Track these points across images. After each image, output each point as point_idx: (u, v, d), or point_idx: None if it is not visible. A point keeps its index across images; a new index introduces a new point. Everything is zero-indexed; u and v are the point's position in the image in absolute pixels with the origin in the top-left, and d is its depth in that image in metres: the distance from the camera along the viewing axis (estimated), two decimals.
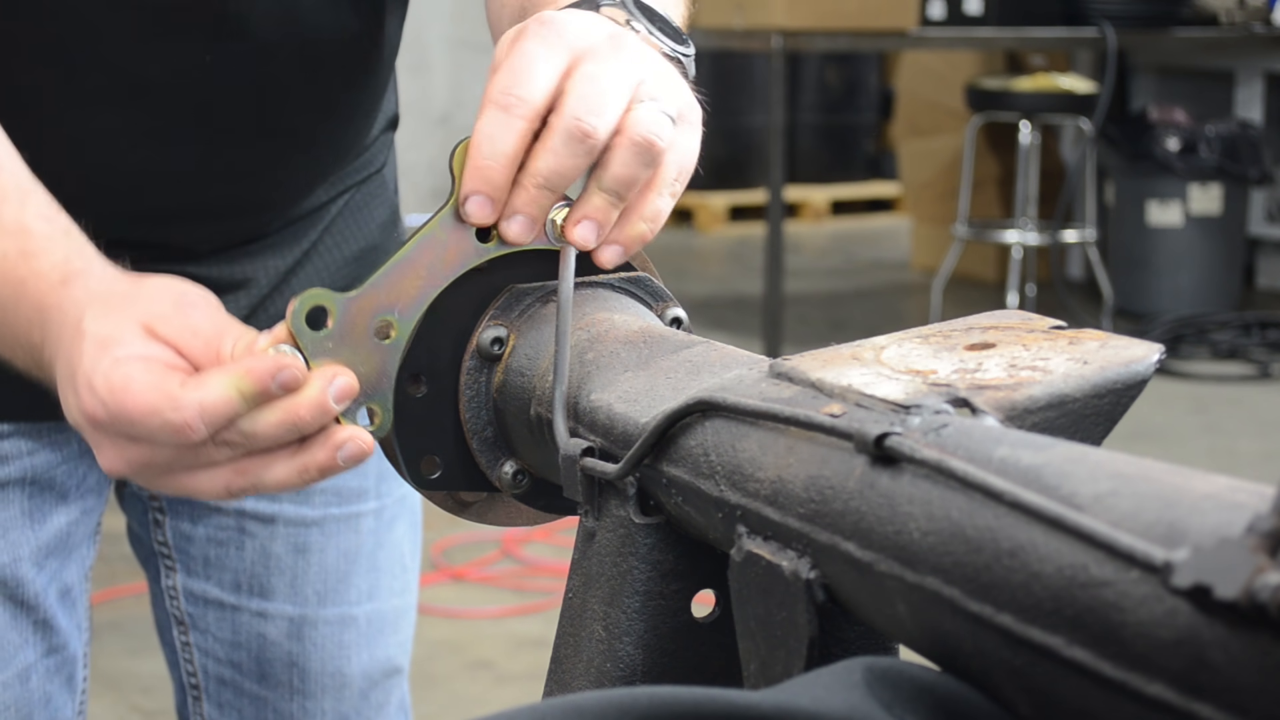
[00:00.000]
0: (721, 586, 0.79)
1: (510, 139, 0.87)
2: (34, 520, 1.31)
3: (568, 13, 0.92)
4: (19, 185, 0.98)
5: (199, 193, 1.25)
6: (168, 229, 1.26)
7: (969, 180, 6.80)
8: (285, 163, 1.28)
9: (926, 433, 0.64)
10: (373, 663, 1.45)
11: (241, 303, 1.31)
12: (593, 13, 0.94)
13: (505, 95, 0.87)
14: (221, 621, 1.43)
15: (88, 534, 1.37)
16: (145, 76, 1.17)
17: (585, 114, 0.87)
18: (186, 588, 1.43)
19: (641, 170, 0.89)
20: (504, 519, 0.99)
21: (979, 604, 0.57)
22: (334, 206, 1.37)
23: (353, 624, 1.43)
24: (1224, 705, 0.48)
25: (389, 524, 1.45)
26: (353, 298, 0.91)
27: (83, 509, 1.35)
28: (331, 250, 1.36)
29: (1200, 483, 0.54)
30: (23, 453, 1.29)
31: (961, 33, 6.33)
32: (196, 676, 1.45)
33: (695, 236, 9.30)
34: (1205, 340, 6.39)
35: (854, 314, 7.23)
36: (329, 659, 1.43)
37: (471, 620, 3.72)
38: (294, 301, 0.90)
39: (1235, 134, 6.72)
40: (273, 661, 1.42)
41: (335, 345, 0.91)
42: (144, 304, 0.90)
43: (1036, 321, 0.78)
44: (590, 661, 0.81)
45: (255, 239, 1.31)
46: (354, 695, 1.44)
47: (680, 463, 0.76)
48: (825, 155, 9.91)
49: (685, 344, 0.88)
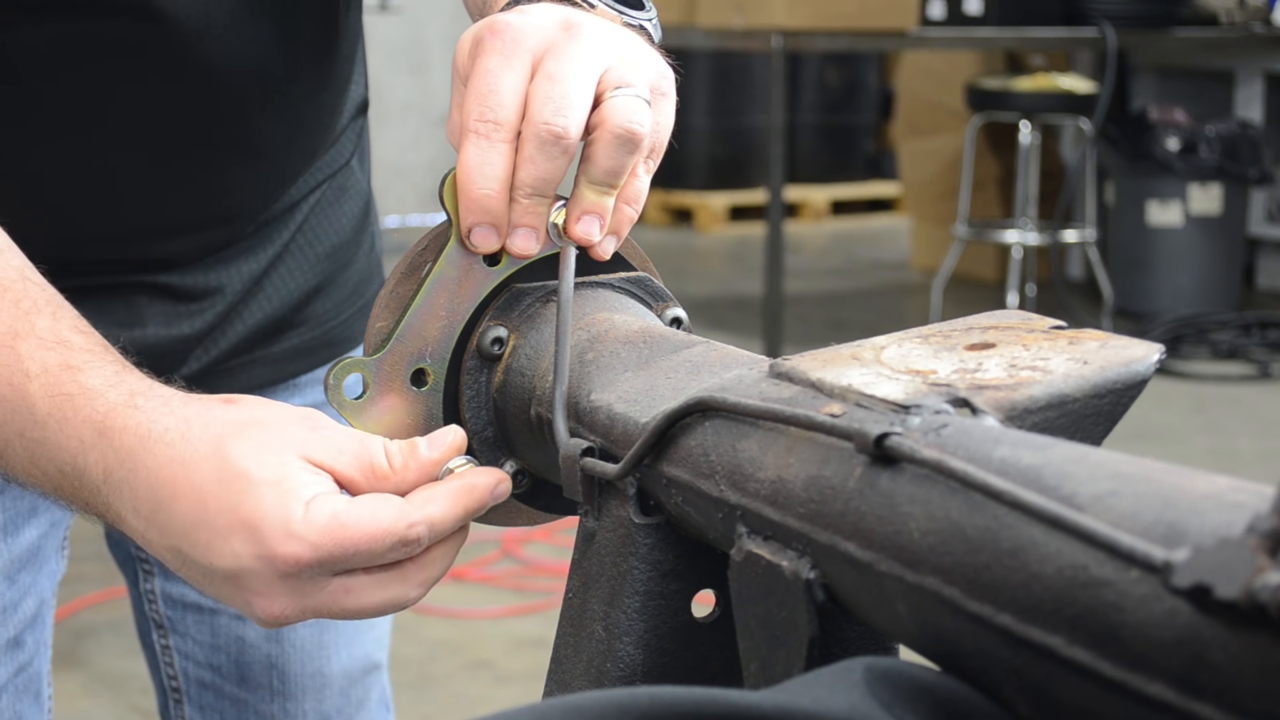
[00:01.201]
0: (721, 586, 0.79)
1: (498, 164, 0.87)
2: (6, 533, 1.29)
3: (518, 12, 0.91)
4: (50, 298, 0.93)
5: (160, 209, 1.24)
6: (138, 244, 1.25)
7: (969, 180, 6.80)
8: (247, 173, 1.28)
9: (926, 433, 0.64)
10: (352, 661, 1.45)
11: (216, 309, 1.30)
12: (543, 1, 0.94)
13: (481, 123, 0.87)
14: (200, 625, 1.42)
15: (56, 546, 1.36)
16: (100, 100, 1.16)
17: (552, 116, 0.87)
18: (165, 591, 1.43)
19: (626, 159, 0.89)
20: (504, 519, 0.99)
21: (979, 604, 0.57)
22: (304, 206, 1.36)
23: (331, 625, 1.43)
24: (1224, 705, 0.48)
25: None
26: (383, 357, 0.92)
27: (51, 520, 1.34)
28: (304, 249, 1.35)
29: (1200, 483, 0.54)
30: None
31: (961, 33, 6.33)
32: (177, 679, 1.45)
33: (695, 236, 9.30)
34: (1205, 340, 6.39)
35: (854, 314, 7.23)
36: (308, 660, 1.43)
37: (471, 620, 3.71)
38: (328, 377, 0.91)
39: (1235, 134, 6.72)
40: (252, 664, 1.42)
41: (377, 407, 0.92)
42: (281, 431, 0.86)
43: (1036, 321, 0.78)
44: (590, 661, 0.81)
45: (227, 245, 1.30)
46: (334, 694, 1.44)
47: (680, 463, 0.76)
48: (825, 155, 9.91)
49: (685, 344, 0.88)
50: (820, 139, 9.88)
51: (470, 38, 0.91)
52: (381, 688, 1.51)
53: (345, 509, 0.83)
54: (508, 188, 0.88)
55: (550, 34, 0.89)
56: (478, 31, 0.90)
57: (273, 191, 1.31)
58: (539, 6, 0.92)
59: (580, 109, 0.87)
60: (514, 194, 0.88)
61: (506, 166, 0.87)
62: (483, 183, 0.87)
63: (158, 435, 0.86)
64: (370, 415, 0.92)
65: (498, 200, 0.88)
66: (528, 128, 0.87)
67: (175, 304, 1.27)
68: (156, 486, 0.85)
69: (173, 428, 0.86)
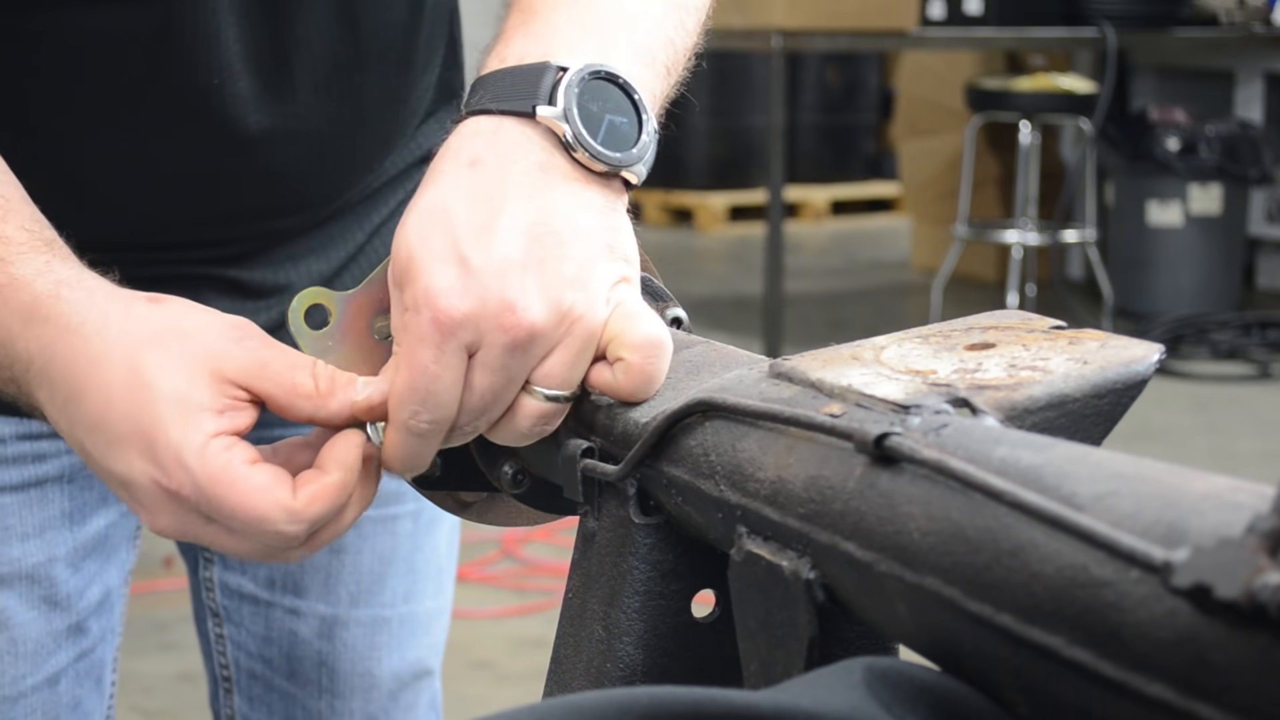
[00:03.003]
0: (721, 586, 0.79)
1: (428, 457, 0.86)
2: (73, 521, 1.30)
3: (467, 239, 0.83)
4: (4, 198, 0.94)
5: (209, 195, 1.21)
6: (189, 229, 1.23)
7: (969, 180, 6.80)
8: (302, 159, 1.23)
9: (926, 433, 0.64)
10: (403, 664, 1.44)
11: (282, 307, 1.26)
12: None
13: (416, 422, 0.84)
14: (255, 616, 1.42)
15: (127, 536, 1.36)
16: (141, 82, 1.14)
17: (476, 419, 0.85)
18: (223, 581, 1.42)
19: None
20: (504, 519, 0.99)
21: (979, 604, 0.57)
22: (381, 205, 1.31)
23: (385, 626, 1.42)
24: (1224, 705, 0.48)
25: (428, 527, 1.43)
26: (352, 295, 0.90)
27: (122, 511, 1.34)
28: (379, 253, 1.31)
29: (1200, 483, 0.54)
30: (61, 451, 1.27)
31: (961, 33, 6.33)
32: (229, 669, 1.45)
33: (695, 236, 9.30)
34: (1205, 340, 6.39)
35: (854, 314, 7.23)
36: (359, 659, 1.42)
37: (471, 620, 3.71)
38: (294, 301, 0.89)
39: (1235, 134, 6.72)
40: (302, 659, 1.42)
41: (336, 344, 0.90)
42: (200, 342, 0.86)
43: (1036, 321, 0.78)
44: (590, 661, 0.81)
45: (295, 237, 1.27)
46: (383, 696, 1.44)
47: (680, 463, 0.76)
48: (825, 155, 9.91)
49: (685, 344, 0.88)
50: (820, 139, 9.88)
51: (404, 247, 0.84)
52: (432, 694, 1.50)
53: (239, 470, 0.83)
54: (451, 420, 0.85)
55: (488, 311, 0.82)
56: (415, 241, 0.84)
57: (338, 180, 1.27)
58: (481, 180, 0.86)
59: (497, 411, 0.85)
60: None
61: (445, 431, 0.85)
62: (407, 470, 0.87)
63: (75, 328, 0.86)
64: (325, 350, 0.89)
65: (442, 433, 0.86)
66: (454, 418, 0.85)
67: (243, 300, 1.25)
68: (69, 379, 0.86)
69: (90, 321, 0.86)
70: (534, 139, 0.87)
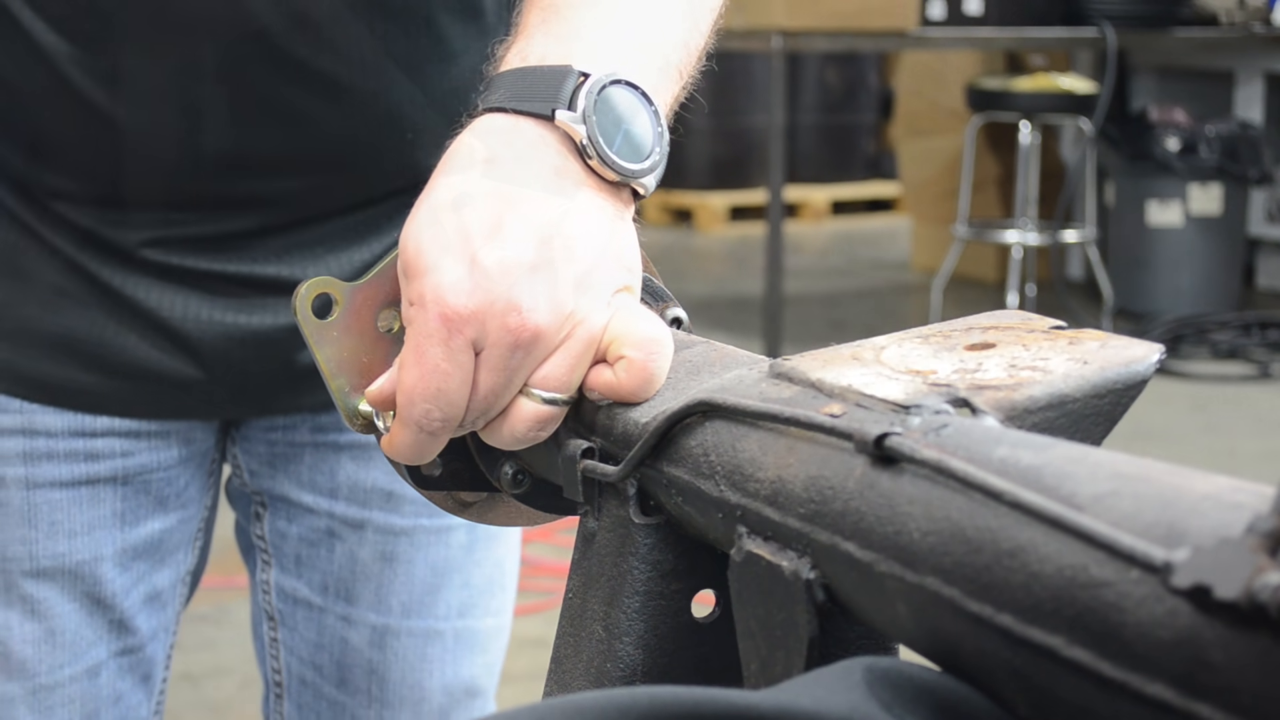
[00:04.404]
0: (721, 586, 0.79)
1: (435, 450, 0.86)
2: (124, 522, 1.31)
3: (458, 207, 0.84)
4: None
5: (258, 137, 1.21)
6: (242, 181, 1.23)
7: (969, 180, 6.80)
8: (354, 118, 1.22)
9: (926, 433, 0.64)
10: (455, 680, 1.43)
11: None
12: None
13: (428, 419, 0.83)
14: (309, 621, 1.42)
15: (186, 540, 1.37)
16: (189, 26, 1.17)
17: (482, 415, 0.85)
18: (279, 584, 1.42)
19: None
20: (504, 519, 0.99)
21: (979, 604, 0.57)
22: None
23: (438, 639, 1.41)
24: (1224, 705, 0.48)
25: (486, 542, 1.43)
26: (359, 286, 0.90)
27: (181, 517, 1.35)
28: None
29: (1200, 483, 0.54)
30: (116, 453, 1.28)
31: (961, 33, 6.33)
32: (281, 674, 1.44)
33: (695, 236, 9.30)
34: (1205, 340, 6.40)
35: (854, 314, 7.23)
36: (409, 671, 1.41)
37: None
38: (300, 287, 0.89)
39: (1235, 134, 6.73)
40: (353, 668, 1.41)
41: (340, 334, 0.90)
42: None
43: (1036, 321, 0.78)
44: (590, 661, 0.81)
45: (364, 205, 1.26)
46: (432, 711, 1.42)
47: (680, 463, 0.76)
48: (825, 155, 9.92)
49: (685, 344, 0.88)
50: (820, 139, 9.89)
51: (414, 241, 0.84)
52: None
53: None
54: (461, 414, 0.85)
55: (494, 312, 0.81)
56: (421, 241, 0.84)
57: (396, 147, 1.25)
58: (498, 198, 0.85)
59: (499, 407, 0.85)
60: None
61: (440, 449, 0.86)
62: (417, 459, 0.87)
63: None
64: (329, 339, 0.89)
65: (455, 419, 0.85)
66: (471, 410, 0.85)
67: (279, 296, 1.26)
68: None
69: None
70: (550, 142, 0.86)
